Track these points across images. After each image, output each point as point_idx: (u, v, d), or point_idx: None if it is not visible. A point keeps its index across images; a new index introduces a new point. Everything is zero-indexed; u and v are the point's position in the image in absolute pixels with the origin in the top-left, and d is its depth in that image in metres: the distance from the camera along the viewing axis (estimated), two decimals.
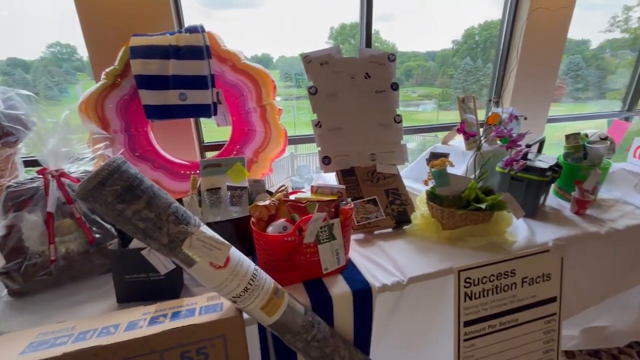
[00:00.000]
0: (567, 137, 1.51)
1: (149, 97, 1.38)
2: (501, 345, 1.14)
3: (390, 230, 1.31)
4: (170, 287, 0.94)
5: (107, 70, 1.37)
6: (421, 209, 1.31)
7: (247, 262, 0.76)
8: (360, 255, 1.15)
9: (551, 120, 2.60)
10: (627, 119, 2.99)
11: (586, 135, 1.58)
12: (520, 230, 1.27)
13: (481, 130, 1.74)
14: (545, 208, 1.47)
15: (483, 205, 1.12)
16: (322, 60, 1.46)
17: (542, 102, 2.44)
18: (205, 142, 1.93)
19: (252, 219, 0.96)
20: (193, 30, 1.44)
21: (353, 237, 1.27)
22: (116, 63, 1.37)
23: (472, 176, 1.29)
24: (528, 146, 1.33)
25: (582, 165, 1.47)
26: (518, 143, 1.17)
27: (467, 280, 1.09)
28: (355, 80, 1.50)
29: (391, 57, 1.55)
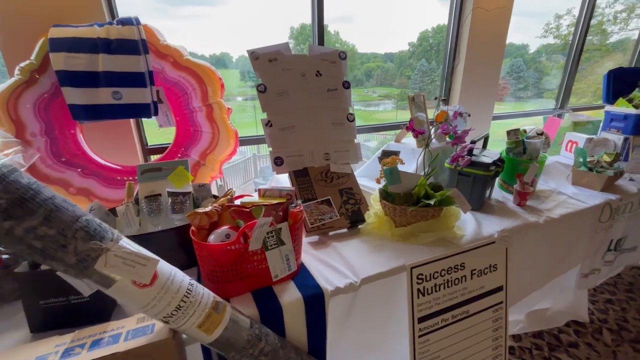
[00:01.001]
0: (508, 132, 1.59)
1: (75, 95, 1.23)
2: (454, 338, 1.17)
3: (345, 230, 1.29)
4: (98, 310, 0.83)
5: (22, 65, 1.20)
6: (375, 207, 1.31)
7: (181, 276, 0.69)
8: (314, 259, 1.12)
9: (496, 118, 2.77)
10: (559, 115, 3.28)
11: (525, 131, 1.69)
12: (468, 224, 1.32)
13: (431, 127, 1.79)
14: (491, 201, 1.54)
15: (432, 202, 1.14)
16: (270, 57, 1.41)
17: (486, 100, 2.59)
18: (149, 145, 1.78)
19: (192, 228, 0.88)
20: (126, 22, 1.31)
21: (307, 239, 1.23)
22: (33, 57, 1.21)
23: (423, 173, 1.31)
24: (473, 142, 1.38)
25: (522, 159, 1.56)
26: (463, 139, 1.21)
27: (420, 276, 1.09)
28: (306, 78, 1.47)
29: (342, 55, 1.54)
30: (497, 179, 1.70)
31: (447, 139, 1.77)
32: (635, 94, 2.08)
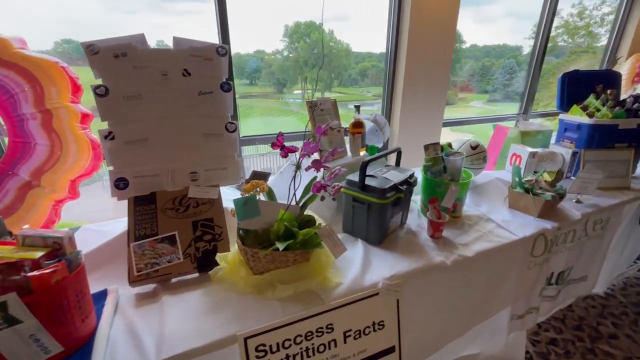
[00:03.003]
0: (426, 147, 1.32)
1: None
2: None
3: (196, 275, 1.00)
4: None
5: None
6: (237, 246, 1.02)
7: None
8: (122, 323, 0.83)
9: (447, 124, 2.51)
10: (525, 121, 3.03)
11: (450, 145, 1.42)
12: (353, 266, 1.04)
13: (346, 139, 1.51)
14: (400, 232, 1.27)
15: (281, 245, 0.85)
16: (116, 52, 1.11)
17: (434, 105, 2.32)
18: None
19: None
20: None
21: (137, 290, 0.95)
22: None
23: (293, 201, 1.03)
24: (369, 161, 1.10)
25: (440, 180, 1.29)
26: (323, 163, 0.90)
27: (261, 348, 0.81)
28: (168, 78, 1.17)
29: (221, 50, 1.25)
30: (419, 203, 1.44)
31: (362, 153, 1.49)
32: (591, 100, 1.83)
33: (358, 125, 1.47)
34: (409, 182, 1.20)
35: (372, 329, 0.97)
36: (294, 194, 0.99)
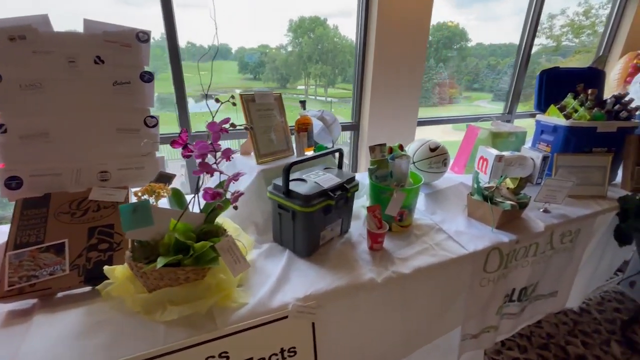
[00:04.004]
0: (372, 148, 1.19)
1: None
2: None
3: (87, 289, 0.88)
4: None
5: None
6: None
7: None
8: None
9: (422, 123, 2.37)
10: (508, 121, 2.89)
11: (401, 147, 1.28)
12: (268, 283, 0.91)
13: (293, 137, 1.38)
14: (339, 241, 1.14)
15: (161, 262, 0.73)
16: (12, 34, 0.98)
17: (407, 103, 2.18)
18: None
19: None
20: None
21: (12, 306, 0.83)
22: None
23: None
24: (293, 164, 0.97)
25: (384, 186, 1.16)
26: (209, 167, 0.77)
27: None
28: (76, 65, 1.05)
29: (142, 35, 1.12)
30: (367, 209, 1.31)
31: (309, 152, 1.37)
32: (568, 100, 1.69)
33: (303, 122, 1.34)
34: (345, 187, 1.07)
35: (280, 356, 0.85)
36: (198, 200, 0.86)
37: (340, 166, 1.20)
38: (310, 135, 1.37)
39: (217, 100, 0.87)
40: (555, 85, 1.82)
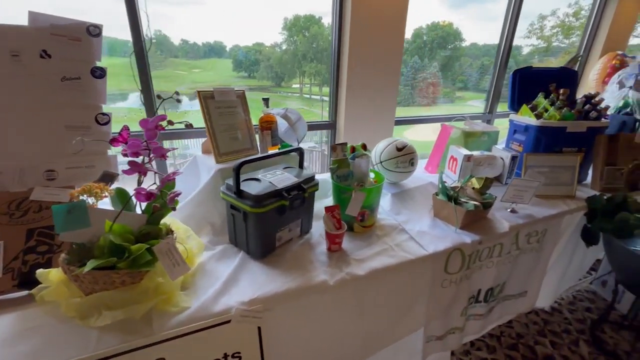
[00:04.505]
0: (333, 147, 1.17)
1: None
2: None
3: (23, 293, 0.85)
4: None
5: None
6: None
7: None
8: None
9: (400, 122, 2.36)
10: (489, 121, 2.90)
11: (364, 147, 1.26)
12: (214, 286, 0.88)
13: (257, 136, 1.35)
14: (298, 242, 1.12)
15: (90, 265, 0.69)
16: None
17: (385, 102, 2.17)
18: None
19: None
20: None
21: None
22: None
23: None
24: (243, 163, 0.94)
25: (344, 186, 1.14)
26: (143, 167, 0.73)
27: None
28: (20, 59, 1.00)
29: (93, 29, 1.08)
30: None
31: (274, 150, 1.33)
32: (540, 100, 1.68)
33: (267, 121, 1.31)
34: (302, 187, 1.04)
35: None
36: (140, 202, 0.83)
37: (301, 165, 1.18)
38: (275, 134, 1.34)
39: (158, 97, 0.83)
40: (529, 84, 1.82)
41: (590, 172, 1.72)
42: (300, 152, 1.15)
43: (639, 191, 1.64)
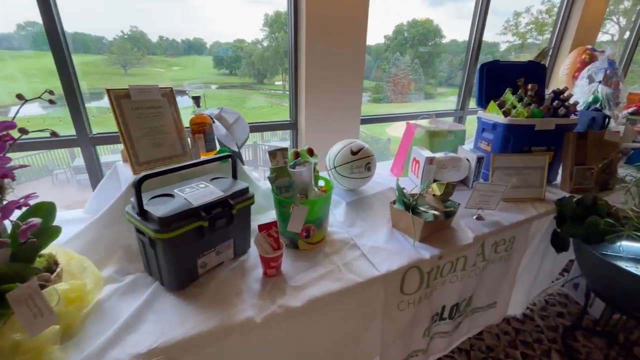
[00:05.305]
0: (272, 154, 1.00)
1: None
2: None
3: None
4: None
5: None
6: None
7: None
8: None
9: (366, 121, 2.22)
10: (460, 117, 2.81)
11: (311, 152, 1.10)
12: (110, 330, 0.71)
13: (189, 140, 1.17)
14: (229, 266, 0.96)
15: None
16: None
17: (349, 100, 2.02)
18: None
19: None
20: None
21: None
22: None
23: None
24: (145, 178, 0.76)
25: (284, 198, 0.98)
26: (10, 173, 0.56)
27: None
28: None
29: None
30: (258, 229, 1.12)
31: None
32: (507, 96, 1.57)
33: (198, 122, 1.13)
34: (228, 203, 0.88)
35: None
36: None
37: (234, 176, 1.01)
38: (210, 138, 1.17)
39: (19, 97, 0.65)
40: (496, 79, 1.71)
41: (560, 171, 1.63)
42: (233, 160, 0.98)
43: (608, 191, 1.57)
